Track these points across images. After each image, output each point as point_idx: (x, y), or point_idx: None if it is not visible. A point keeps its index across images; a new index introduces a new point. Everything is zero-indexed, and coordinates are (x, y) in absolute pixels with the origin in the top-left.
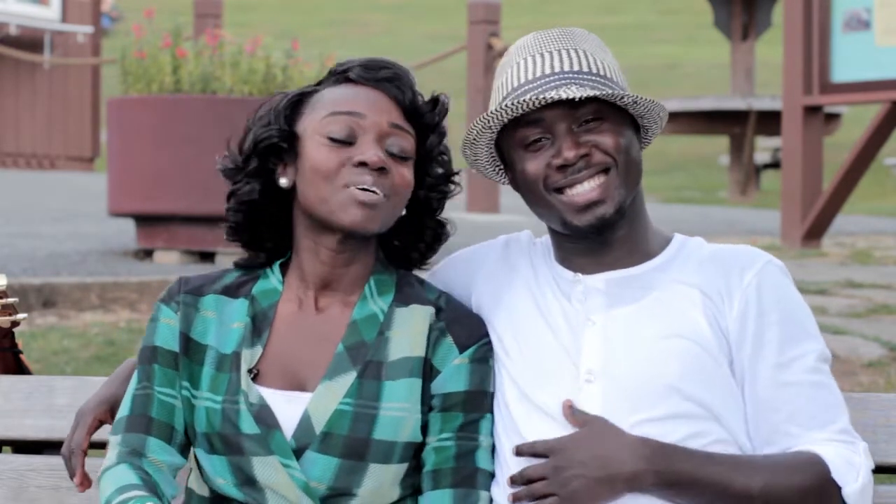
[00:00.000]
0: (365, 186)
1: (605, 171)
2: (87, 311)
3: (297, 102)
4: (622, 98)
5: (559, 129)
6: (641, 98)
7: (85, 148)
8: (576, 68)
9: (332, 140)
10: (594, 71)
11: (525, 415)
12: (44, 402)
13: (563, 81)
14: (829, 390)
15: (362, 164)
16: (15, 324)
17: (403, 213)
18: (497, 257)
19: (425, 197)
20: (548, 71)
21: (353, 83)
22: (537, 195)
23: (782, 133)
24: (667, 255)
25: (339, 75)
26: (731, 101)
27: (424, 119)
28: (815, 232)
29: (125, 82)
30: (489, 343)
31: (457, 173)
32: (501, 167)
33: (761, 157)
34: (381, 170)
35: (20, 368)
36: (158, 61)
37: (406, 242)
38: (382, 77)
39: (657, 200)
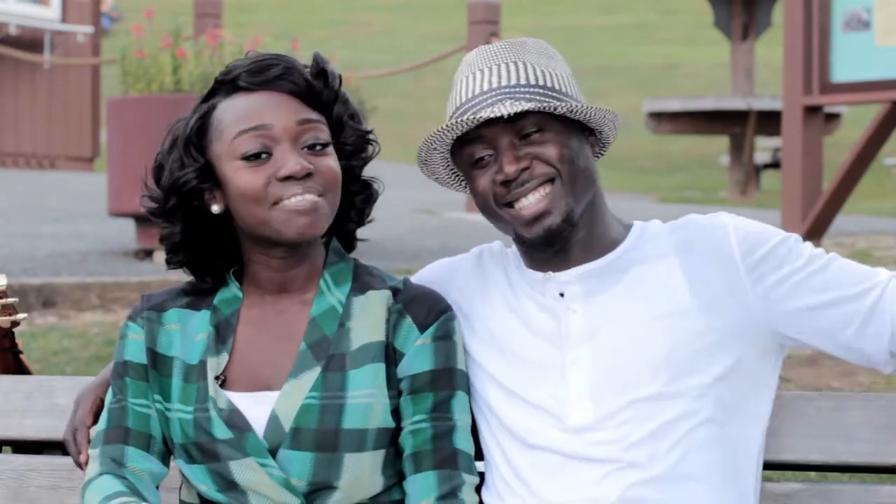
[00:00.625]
0: (298, 198)
1: (551, 181)
2: (87, 311)
3: (201, 128)
4: (555, 109)
5: (501, 144)
6: (579, 106)
7: (85, 148)
8: (513, 81)
9: (248, 159)
10: (533, 82)
11: (514, 412)
12: (44, 402)
13: (500, 97)
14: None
15: (287, 177)
16: (15, 324)
17: None
18: (471, 268)
19: (346, 166)
20: (486, 87)
21: (246, 91)
22: (490, 210)
23: (782, 133)
24: (631, 239)
25: (229, 85)
26: (731, 101)
27: (323, 97)
28: (815, 232)
29: (125, 82)
30: (451, 318)
31: (370, 132)
32: (465, 181)
33: (761, 157)
34: (307, 175)
35: (20, 368)
36: (158, 61)
37: (339, 214)
38: (273, 76)
39: (657, 200)
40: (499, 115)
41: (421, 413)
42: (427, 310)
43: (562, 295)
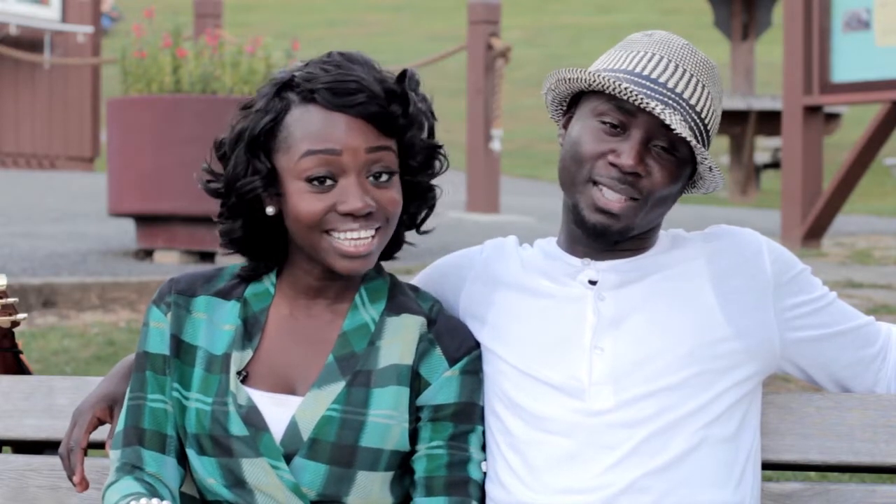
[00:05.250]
0: (354, 236)
1: (636, 200)
2: (87, 311)
3: (270, 130)
4: (705, 160)
5: (636, 134)
6: (716, 168)
7: (85, 148)
8: (692, 102)
9: (312, 182)
10: (703, 115)
11: (529, 396)
12: (44, 402)
13: (673, 102)
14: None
15: (348, 214)
16: (15, 324)
17: None
18: (484, 259)
19: (411, 182)
20: (664, 80)
21: (321, 106)
22: (576, 172)
23: (782, 133)
24: (666, 241)
25: (306, 93)
26: (731, 101)
27: (398, 122)
28: (815, 232)
29: (125, 82)
30: (479, 355)
31: (439, 147)
32: (562, 110)
33: (761, 157)
34: (367, 214)
35: (20, 368)
36: (158, 61)
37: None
38: (353, 103)
39: None
40: (668, 123)
41: (439, 440)
42: (458, 344)
43: (591, 283)
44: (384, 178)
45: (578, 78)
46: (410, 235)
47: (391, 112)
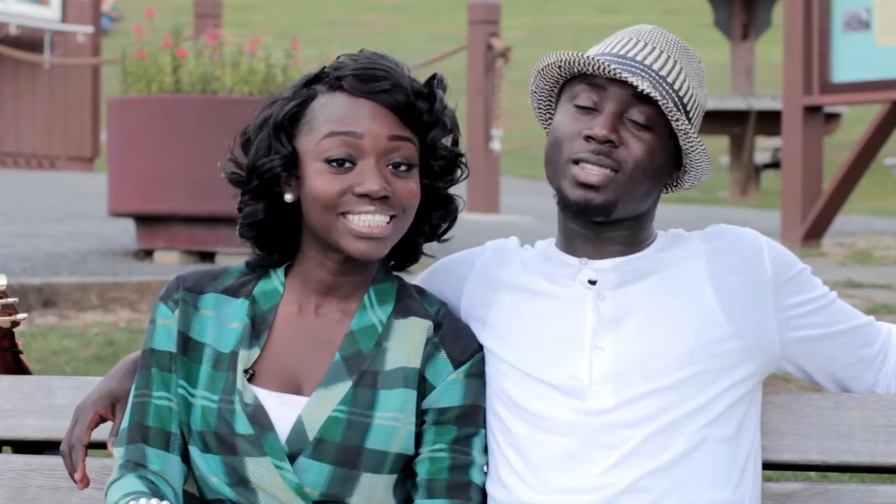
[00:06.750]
0: (369, 218)
1: (616, 172)
2: (87, 311)
3: (295, 115)
4: (676, 120)
5: (608, 106)
6: (695, 137)
7: (85, 148)
8: (663, 73)
9: (331, 163)
10: (678, 88)
11: (530, 396)
12: (44, 402)
13: (644, 74)
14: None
15: (364, 195)
16: (15, 324)
17: None
18: (486, 260)
19: (430, 186)
20: (639, 57)
21: (347, 93)
22: (556, 157)
23: (782, 133)
24: (665, 240)
25: (333, 81)
26: (731, 101)
27: (423, 119)
28: (815, 232)
29: (125, 82)
30: (483, 358)
31: (462, 155)
32: (550, 116)
33: (761, 157)
34: (383, 197)
35: (20, 368)
36: (158, 61)
37: (412, 227)
38: (378, 89)
39: None
40: (636, 85)
41: (442, 443)
42: (462, 347)
43: (591, 283)
44: (403, 168)
45: (548, 63)
46: (430, 247)
47: (416, 105)
